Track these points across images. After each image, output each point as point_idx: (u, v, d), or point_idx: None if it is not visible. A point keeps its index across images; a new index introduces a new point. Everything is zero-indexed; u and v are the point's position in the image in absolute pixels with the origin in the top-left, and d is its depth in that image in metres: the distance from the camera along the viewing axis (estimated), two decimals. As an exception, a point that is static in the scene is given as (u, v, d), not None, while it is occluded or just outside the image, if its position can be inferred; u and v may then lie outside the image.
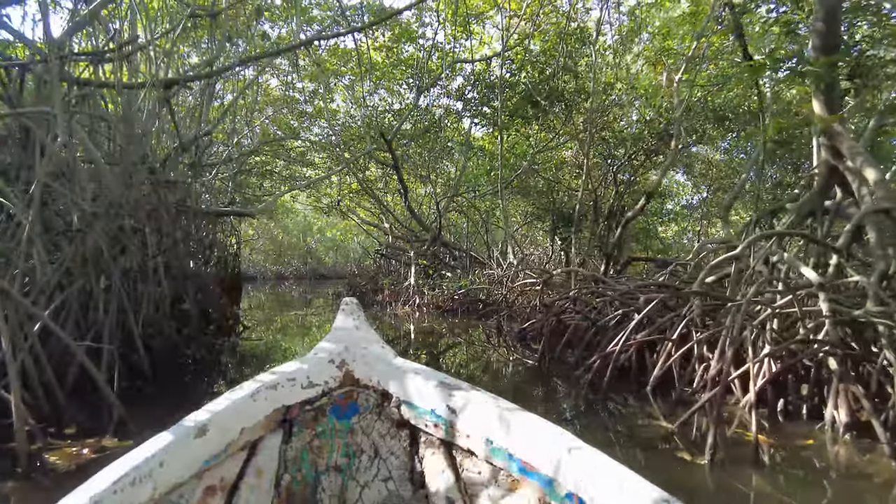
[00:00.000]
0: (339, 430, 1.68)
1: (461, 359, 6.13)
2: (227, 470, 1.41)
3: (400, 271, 13.10)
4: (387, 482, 1.61)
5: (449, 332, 8.22)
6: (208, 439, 1.32)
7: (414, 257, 11.96)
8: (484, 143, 15.75)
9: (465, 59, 12.29)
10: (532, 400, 4.34)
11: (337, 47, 12.79)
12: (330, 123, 13.66)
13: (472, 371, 5.42)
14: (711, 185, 18.53)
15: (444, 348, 6.84)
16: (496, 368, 5.59)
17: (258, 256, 29.43)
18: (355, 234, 25.95)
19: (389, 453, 1.66)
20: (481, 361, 5.96)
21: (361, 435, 1.70)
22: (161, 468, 1.17)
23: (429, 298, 10.52)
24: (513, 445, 1.34)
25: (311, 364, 1.73)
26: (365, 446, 1.68)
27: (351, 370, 1.77)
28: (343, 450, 1.66)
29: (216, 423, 1.36)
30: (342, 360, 1.78)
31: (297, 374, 1.66)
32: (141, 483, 1.11)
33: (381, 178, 17.82)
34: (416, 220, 13.98)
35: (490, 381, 4.92)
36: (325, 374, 1.72)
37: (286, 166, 17.30)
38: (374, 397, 1.73)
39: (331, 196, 19.45)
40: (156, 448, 1.19)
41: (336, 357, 1.78)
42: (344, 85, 14.20)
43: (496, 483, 1.39)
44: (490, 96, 12.31)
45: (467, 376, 5.12)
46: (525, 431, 1.33)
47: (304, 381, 1.65)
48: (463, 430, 1.47)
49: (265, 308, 13.69)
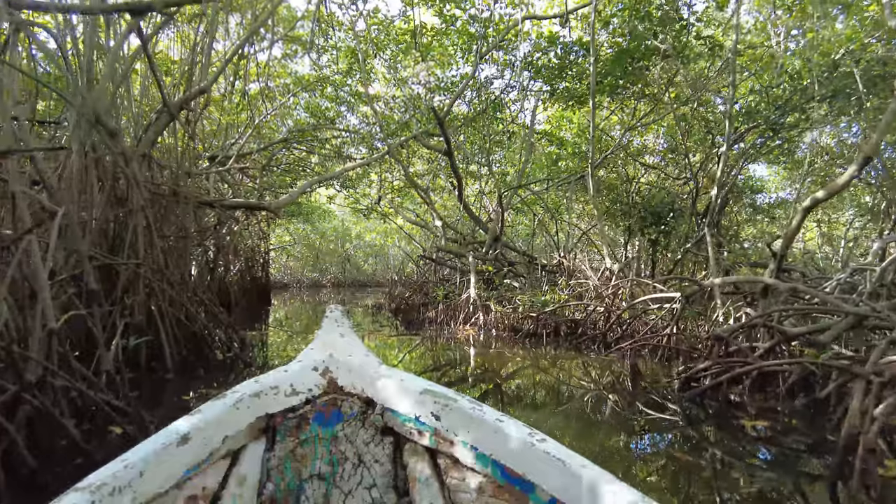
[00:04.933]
0: (323, 438, 1.66)
1: (610, 442, 3.61)
2: (209, 479, 1.39)
3: (454, 280, 10.65)
4: (371, 490, 1.61)
5: (535, 366, 5.75)
6: (190, 448, 1.30)
7: (473, 263, 9.53)
8: (550, 126, 13.23)
9: (536, 15, 9.81)
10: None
11: (377, 11, 10.55)
12: (370, 103, 11.40)
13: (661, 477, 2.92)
14: (807, 176, 15.45)
15: (549, 404, 4.36)
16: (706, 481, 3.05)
17: (295, 263, 28.01)
18: (396, 237, 23.98)
19: (373, 461, 1.64)
20: (654, 452, 3.43)
21: (345, 442, 1.67)
22: (141, 478, 1.15)
23: (496, 316, 8.05)
24: (497, 452, 1.34)
25: (294, 372, 1.70)
26: (349, 454, 1.66)
27: (335, 378, 1.75)
28: (327, 458, 1.64)
29: (198, 432, 1.34)
30: (326, 368, 1.76)
31: (281, 381, 1.64)
32: (120, 493, 1.10)
33: (428, 173, 15.54)
34: (472, 216, 11.55)
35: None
36: (309, 381, 1.70)
37: (320, 162, 15.24)
38: (357, 405, 1.70)
39: (370, 197, 17.36)
40: (136, 457, 1.17)
41: (320, 365, 1.76)
42: (385, 61, 11.96)
43: (480, 490, 1.40)
44: (567, 62, 9.81)
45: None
46: (509, 439, 1.33)
47: (287, 389, 1.64)
48: (447, 438, 1.47)
49: (293, 322, 11.53)
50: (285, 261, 27.44)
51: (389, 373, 1.70)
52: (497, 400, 4.36)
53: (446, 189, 16.38)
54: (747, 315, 5.43)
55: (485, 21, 9.59)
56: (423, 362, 6.15)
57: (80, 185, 4.82)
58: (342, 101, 12.88)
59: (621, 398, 4.40)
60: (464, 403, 1.47)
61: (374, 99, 12.19)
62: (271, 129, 13.64)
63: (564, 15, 9.26)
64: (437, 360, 6.24)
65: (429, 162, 15.14)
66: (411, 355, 6.59)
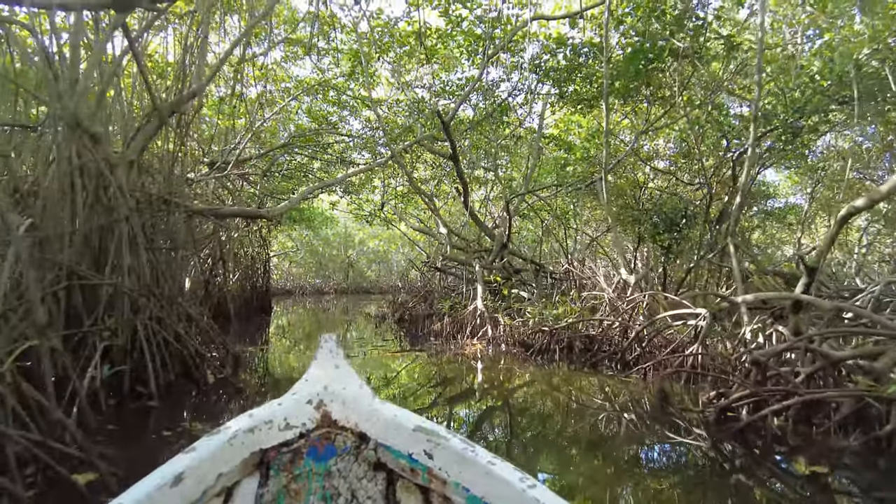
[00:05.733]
0: (317, 473, 1.64)
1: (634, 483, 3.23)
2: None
3: (459, 289, 10.26)
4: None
5: (548, 387, 5.37)
6: (185, 488, 1.28)
7: (479, 272, 9.15)
8: (558, 130, 12.85)
9: (545, 15, 9.47)
10: None
11: (381, 12, 10.22)
12: (373, 106, 11.06)
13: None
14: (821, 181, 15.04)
15: (563, 434, 3.98)
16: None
17: (297, 269, 27.72)
18: (399, 244, 23.67)
19: (366, 497, 1.62)
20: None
21: (339, 478, 1.65)
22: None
23: (505, 330, 7.66)
24: (489, 495, 1.34)
25: (288, 405, 1.68)
26: (342, 489, 1.64)
27: (329, 411, 1.73)
28: (320, 493, 1.63)
29: (192, 471, 1.31)
30: (320, 401, 1.73)
31: (275, 415, 1.62)
32: None
33: (433, 178, 15.17)
34: (478, 223, 11.19)
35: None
36: (303, 415, 1.68)
37: (323, 167, 14.89)
38: (351, 439, 1.69)
39: (373, 203, 17.02)
40: (130, 500, 1.15)
41: (314, 398, 1.74)
42: (388, 64, 11.62)
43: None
44: (576, 64, 9.45)
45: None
46: (500, 482, 1.32)
47: (281, 423, 1.62)
48: (440, 477, 1.46)
49: (295, 330, 11.19)
50: (288, 267, 27.14)
51: (383, 407, 1.69)
52: (506, 429, 3.98)
53: (451, 195, 16.02)
54: (778, 333, 5.04)
55: (492, 21, 9.25)
56: (428, 384, 5.77)
57: (61, 194, 4.49)
58: (345, 105, 12.55)
59: (646, 428, 4.01)
60: (456, 443, 1.46)
61: (377, 103, 11.85)
62: (272, 133, 13.32)
63: (578, 13, 8.91)
64: (443, 380, 5.87)
65: (433, 167, 14.78)
66: (415, 376, 6.22)
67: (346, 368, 1.94)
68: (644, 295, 6.61)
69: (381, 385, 5.44)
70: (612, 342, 6.44)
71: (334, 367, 1.93)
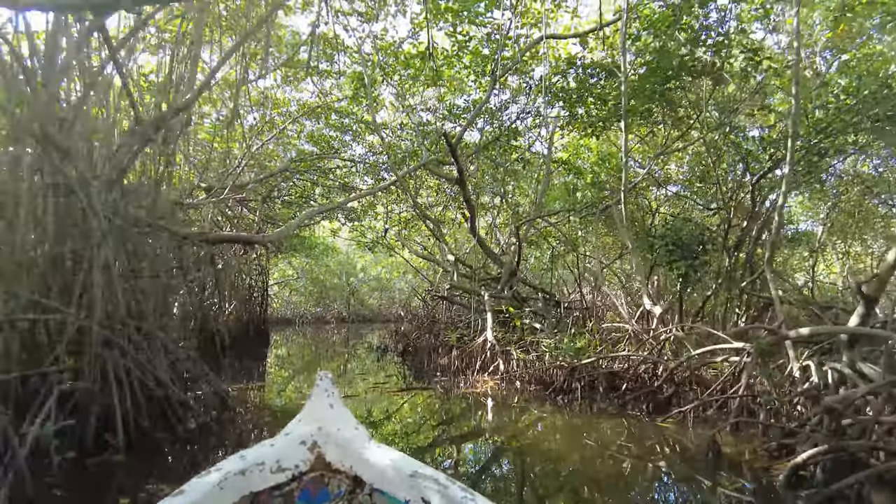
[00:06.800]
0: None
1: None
2: None
3: (466, 319, 9.67)
4: None
5: (572, 431, 4.76)
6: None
7: (488, 302, 8.60)
8: (567, 154, 12.45)
9: (557, 34, 9.15)
10: None
11: (385, 32, 9.91)
12: (377, 130, 10.70)
13: None
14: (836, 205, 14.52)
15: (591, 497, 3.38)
16: None
17: (298, 297, 27.13)
18: (402, 271, 23.17)
19: None
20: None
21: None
22: None
23: (519, 364, 7.06)
24: None
25: (281, 446, 1.65)
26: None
27: (323, 453, 1.68)
28: None
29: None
30: (314, 442, 1.70)
31: (267, 457, 1.59)
32: None
33: (437, 204, 14.73)
34: (486, 250, 10.69)
35: None
36: (296, 457, 1.65)
37: (325, 193, 14.48)
38: (346, 483, 1.64)
39: (376, 230, 16.58)
40: None
41: (308, 438, 1.70)
42: (392, 87, 11.31)
43: None
44: (588, 84, 9.10)
45: None
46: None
47: (273, 466, 1.58)
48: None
49: (294, 361, 10.58)
50: (288, 295, 26.59)
51: (379, 450, 1.63)
52: (523, 480, 3.39)
53: (455, 221, 15.58)
54: (833, 370, 4.46)
55: (502, 39, 8.93)
56: (435, 428, 5.17)
57: (30, 215, 4.01)
58: (347, 129, 12.19)
59: (699, 491, 3.40)
60: (455, 491, 1.42)
61: (381, 127, 11.50)
62: (273, 158, 12.96)
63: (593, 30, 8.58)
64: (450, 420, 5.27)
65: (437, 192, 14.37)
66: (420, 419, 5.62)
67: (341, 409, 1.88)
68: (677, 327, 6.03)
69: (382, 425, 4.86)
70: (638, 379, 5.83)
71: (329, 406, 1.87)
